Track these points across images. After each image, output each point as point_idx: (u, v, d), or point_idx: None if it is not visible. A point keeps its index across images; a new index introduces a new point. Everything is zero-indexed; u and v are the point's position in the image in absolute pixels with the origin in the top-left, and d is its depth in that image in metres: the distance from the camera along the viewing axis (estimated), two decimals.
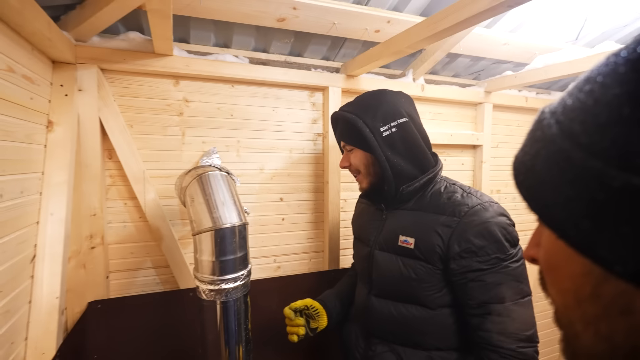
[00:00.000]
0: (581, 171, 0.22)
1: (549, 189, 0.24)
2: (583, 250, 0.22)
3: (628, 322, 0.21)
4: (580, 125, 0.22)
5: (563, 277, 0.26)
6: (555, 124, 0.24)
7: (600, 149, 0.21)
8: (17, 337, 0.80)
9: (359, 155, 0.96)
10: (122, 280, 1.22)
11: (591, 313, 0.24)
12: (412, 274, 0.86)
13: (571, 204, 0.22)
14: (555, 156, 0.24)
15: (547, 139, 0.25)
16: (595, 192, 0.21)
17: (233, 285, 0.82)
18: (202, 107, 1.29)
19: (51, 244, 0.92)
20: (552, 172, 0.24)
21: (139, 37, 1.15)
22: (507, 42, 1.50)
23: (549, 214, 0.24)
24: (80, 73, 1.08)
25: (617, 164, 0.20)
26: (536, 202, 0.26)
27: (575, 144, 0.22)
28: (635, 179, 0.19)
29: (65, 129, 1.01)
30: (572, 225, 0.22)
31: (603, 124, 0.21)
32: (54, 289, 0.89)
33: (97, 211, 1.12)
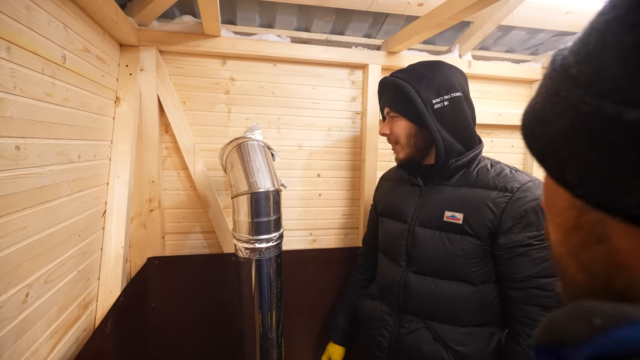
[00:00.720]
0: (566, 101, 0.23)
1: (541, 124, 0.26)
2: (557, 178, 0.24)
3: (602, 249, 0.23)
4: (575, 56, 0.23)
5: (555, 213, 0.28)
6: (560, 59, 0.25)
7: (583, 78, 0.22)
8: (92, 275, 0.96)
9: (403, 124, 0.95)
10: (176, 242, 1.37)
11: (574, 244, 0.26)
12: (458, 249, 0.87)
13: (556, 137, 0.24)
14: (550, 90, 0.25)
15: (548, 75, 0.26)
16: (574, 120, 0.22)
17: (266, 245, 0.89)
18: (247, 86, 1.37)
19: (118, 202, 1.07)
20: (546, 107, 0.25)
21: (191, 20, 1.25)
22: (570, 10, 1.36)
23: (538, 149, 0.26)
24: (142, 54, 1.21)
25: (593, 91, 0.21)
26: (529, 138, 0.27)
27: (567, 76, 0.23)
28: (605, 104, 0.19)
29: (129, 104, 1.15)
30: (552, 156, 0.24)
31: (590, 53, 0.22)
32: (120, 240, 1.05)
33: (155, 178, 1.27)
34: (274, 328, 0.95)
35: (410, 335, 0.92)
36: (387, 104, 0.99)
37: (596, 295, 0.24)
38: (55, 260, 0.77)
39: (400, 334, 0.94)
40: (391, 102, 0.97)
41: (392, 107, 0.97)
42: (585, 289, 0.25)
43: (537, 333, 0.24)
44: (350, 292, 1.27)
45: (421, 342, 0.90)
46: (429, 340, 0.89)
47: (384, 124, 1.01)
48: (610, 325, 0.18)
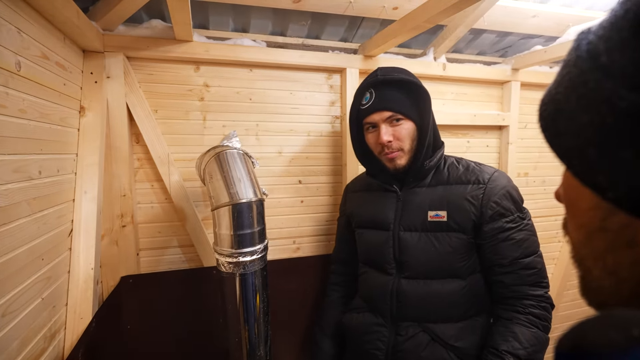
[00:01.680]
0: (595, 94, 0.20)
1: (564, 117, 0.23)
2: (583, 179, 0.22)
3: (633, 254, 0.21)
4: (605, 42, 0.20)
5: (577, 212, 0.26)
6: (585, 45, 0.22)
7: (618, 68, 0.19)
8: (58, 302, 0.88)
9: (410, 127, 0.91)
10: (151, 258, 1.29)
11: (599, 247, 0.24)
12: (447, 247, 0.89)
13: (582, 132, 0.21)
14: (576, 80, 0.22)
15: (572, 62, 0.23)
16: (605, 115, 0.19)
17: (250, 258, 0.85)
18: (222, 92, 1.32)
19: (86, 219, 0.99)
20: (570, 98, 0.22)
21: (160, 24, 1.19)
22: (536, 14, 1.42)
23: (559, 144, 0.24)
24: (108, 61, 1.14)
25: (629, 84, 0.18)
26: (550, 131, 0.25)
27: (596, 64, 0.20)
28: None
29: (95, 114, 1.08)
30: (577, 154, 0.22)
31: (625, 39, 0.19)
32: (89, 260, 0.97)
33: (126, 192, 1.19)
34: (262, 344, 0.90)
35: (408, 342, 0.90)
36: (390, 105, 0.89)
37: (623, 301, 0.23)
38: (14, 289, 0.70)
39: (397, 343, 0.92)
40: (397, 103, 0.89)
41: (399, 108, 0.89)
42: (611, 294, 0.24)
43: (561, 338, 0.22)
44: (330, 312, 1.19)
45: (420, 347, 0.89)
46: (428, 342, 0.89)
47: (384, 130, 0.89)
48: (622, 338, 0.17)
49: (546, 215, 1.84)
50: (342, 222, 1.21)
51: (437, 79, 1.56)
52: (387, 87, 0.91)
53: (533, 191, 1.81)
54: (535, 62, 1.55)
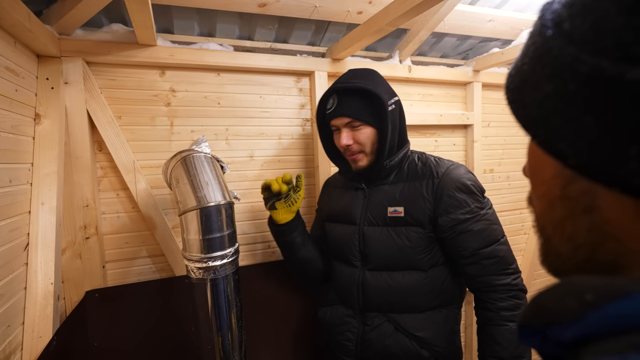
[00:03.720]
0: (558, 61, 0.20)
1: (530, 87, 0.23)
2: (547, 148, 0.22)
3: (590, 220, 0.22)
4: (568, 9, 0.20)
5: (540, 182, 0.26)
6: (550, 13, 0.22)
7: (579, 34, 0.19)
8: (13, 321, 0.82)
9: (369, 132, 0.94)
10: (119, 270, 1.24)
11: (559, 215, 0.24)
12: (405, 240, 0.93)
13: (546, 101, 0.21)
14: (540, 50, 0.22)
15: (537, 32, 0.22)
16: (568, 82, 0.19)
17: (221, 263, 0.83)
18: (189, 97, 1.30)
19: (44, 232, 0.94)
20: (535, 68, 0.22)
21: (122, 28, 1.16)
22: (492, 19, 1.50)
23: (525, 115, 0.24)
24: (65, 66, 1.09)
25: (590, 48, 0.18)
26: (516, 104, 0.25)
27: (560, 31, 0.20)
28: (605, 62, 0.17)
29: (52, 122, 1.03)
30: (542, 123, 0.22)
31: (587, 4, 0.19)
32: (49, 275, 0.92)
33: (89, 202, 1.14)
34: (236, 350, 0.88)
35: (374, 332, 0.95)
36: (349, 112, 0.93)
37: (579, 266, 0.23)
38: None
39: (364, 333, 0.97)
40: (355, 109, 0.93)
41: (358, 115, 0.92)
42: (568, 260, 0.24)
43: (522, 313, 0.22)
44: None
45: (384, 337, 0.93)
46: (392, 332, 0.93)
47: (344, 135, 0.95)
48: (603, 301, 0.17)
49: (512, 209, 1.93)
50: (318, 214, 1.25)
51: (403, 80, 1.61)
52: (348, 94, 0.95)
53: (498, 186, 1.89)
54: (493, 64, 1.63)
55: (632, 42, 0.16)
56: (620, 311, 0.16)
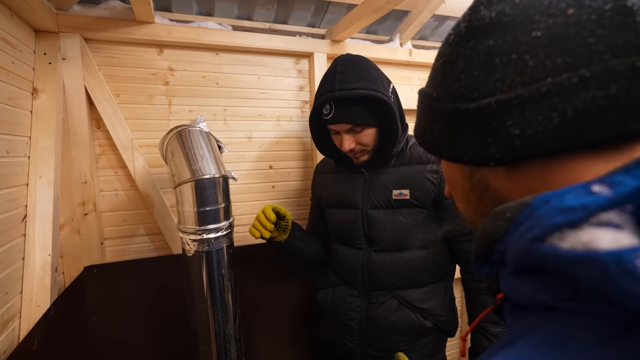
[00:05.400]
0: (437, 111, 0.33)
1: (429, 132, 0.36)
2: (451, 158, 0.33)
3: (489, 195, 0.33)
4: (432, 87, 0.35)
5: (456, 187, 0.37)
6: (423, 92, 0.37)
7: (442, 96, 0.33)
8: (11, 289, 0.84)
9: (371, 133, 0.93)
10: (117, 247, 1.25)
11: (474, 201, 0.35)
12: (411, 221, 0.95)
13: (440, 135, 0.34)
14: (426, 109, 0.36)
15: (420, 104, 0.37)
16: (446, 120, 0.32)
17: (215, 235, 0.84)
18: (188, 76, 1.30)
19: (41, 205, 0.95)
20: (427, 119, 0.36)
21: (119, 4, 1.15)
22: None
23: (435, 147, 0.35)
24: (63, 42, 1.09)
25: (450, 101, 0.31)
26: (427, 144, 0.37)
27: (432, 98, 0.34)
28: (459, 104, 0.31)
29: (50, 97, 1.03)
30: (443, 146, 0.34)
31: (441, 82, 0.33)
32: (46, 247, 0.93)
33: (88, 179, 1.15)
34: (230, 322, 0.90)
35: (379, 309, 0.98)
36: (349, 119, 0.89)
37: None
38: None
39: (370, 310, 0.99)
40: (356, 115, 0.88)
41: (359, 120, 0.89)
42: None
43: (473, 249, 0.30)
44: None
45: (390, 312, 0.96)
46: (397, 307, 0.97)
47: (346, 140, 0.92)
48: (516, 213, 0.25)
49: None
50: (313, 201, 1.24)
51: (403, 64, 1.60)
52: (346, 101, 0.88)
53: None
54: None
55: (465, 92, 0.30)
56: (526, 214, 0.24)
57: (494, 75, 0.28)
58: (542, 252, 0.21)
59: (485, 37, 0.29)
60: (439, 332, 0.99)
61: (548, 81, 0.26)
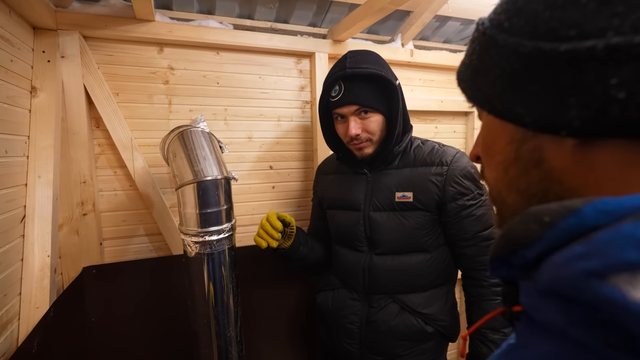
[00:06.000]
0: (504, 50, 0.26)
1: (481, 75, 0.29)
2: (505, 114, 0.27)
3: (539, 172, 0.27)
4: (505, 14, 0.27)
5: (496, 152, 0.31)
6: (488, 21, 0.29)
7: (517, 28, 0.25)
8: (10, 291, 0.83)
9: (379, 119, 0.91)
10: (116, 247, 1.24)
11: (514, 175, 0.29)
12: (413, 224, 0.94)
13: (497, 82, 0.27)
14: (486, 46, 0.28)
15: (480, 36, 0.29)
16: (513, 63, 0.25)
17: (217, 237, 0.84)
18: (188, 75, 1.28)
19: (40, 205, 0.94)
20: (483, 60, 0.28)
21: (119, 2, 1.14)
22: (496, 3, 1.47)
23: (482, 96, 0.29)
24: (62, 39, 1.08)
25: (529, 36, 0.24)
26: (472, 90, 0.31)
27: (500, 29, 0.27)
28: (542, 43, 0.23)
29: (49, 95, 1.02)
30: (497, 97, 0.27)
31: (520, 7, 0.25)
32: (45, 247, 0.92)
33: (87, 178, 1.14)
34: (232, 325, 0.89)
35: (379, 313, 0.97)
36: (358, 99, 0.88)
37: None
38: None
39: (370, 314, 0.98)
40: (365, 97, 0.88)
41: (368, 102, 0.88)
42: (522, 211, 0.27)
43: (493, 248, 0.25)
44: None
45: (391, 316, 0.95)
46: (397, 311, 0.95)
47: (353, 124, 0.90)
48: (557, 219, 0.20)
49: None
50: (315, 202, 1.23)
51: (405, 65, 1.59)
52: (357, 80, 0.88)
53: None
54: None
55: (558, 27, 0.22)
56: (571, 224, 0.19)
57: (612, 6, 0.20)
58: (600, 293, 0.16)
59: None
60: (440, 338, 0.98)
61: None
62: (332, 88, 0.93)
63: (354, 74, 0.88)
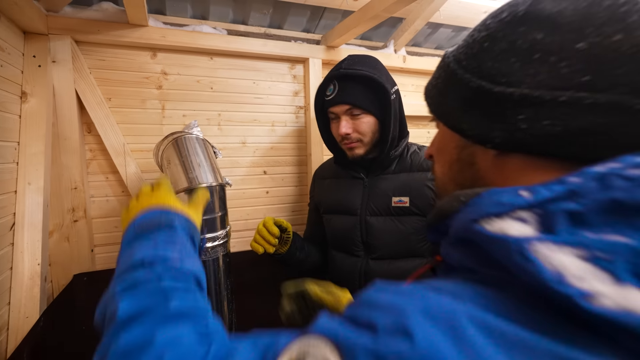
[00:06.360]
0: (460, 81, 0.35)
1: (443, 96, 0.38)
2: (455, 128, 0.37)
3: (471, 171, 0.38)
4: (464, 54, 0.36)
5: (444, 153, 0.41)
6: (452, 56, 0.38)
7: (471, 68, 0.35)
8: None
9: (371, 121, 0.92)
10: (108, 254, 1.23)
11: (455, 171, 0.40)
12: (410, 229, 0.94)
13: (453, 103, 0.37)
14: (449, 75, 0.37)
15: (445, 66, 0.38)
16: (465, 92, 0.35)
17: (212, 245, 0.83)
18: (181, 80, 1.28)
19: (30, 212, 0.92)
20: (446, 85, 0.38)
21: (112, 7, 1.13)
22: (487, 10, 1.50)
23: (441, 111, 0.39)
24: (53, 44, 1.06)
25: (477, 76, 0.34)
26: (435, 105, 0.40)
27: (460, 66, 0.36)
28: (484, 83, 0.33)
29: (40, 100, 1.00)
30: (451, 114, 0.37)
31: (475, 53, 0.35)
32: (35, 255, 0.90)
33: (78, 184, 1.12)
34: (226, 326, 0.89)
35: None
36: (350, 99, 0.90)
37: None
38: None
39: None
40: (356, 97, 0.89)
41: (359, 102, 0.89)
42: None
43: (428, 219, 0.37)
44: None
45: None
46: None
47: (343, 123, 0.92)
48: (469, 199, 0.31)
49: None
50: (311, 206, 1.23)
51: (397, 70, 1.61)
52: (350, 80, 0.91)
53: None
54: None
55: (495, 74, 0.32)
56: (475, 201, 0.30)
57: (528, 69, 0.30)
58: (474, 230, 0.28)
59: (537, 28, 0.30)
60: None
61: (568, 93, 0.28)
62: (328, 87, 0.96)
63: (347, 74, 0.91)
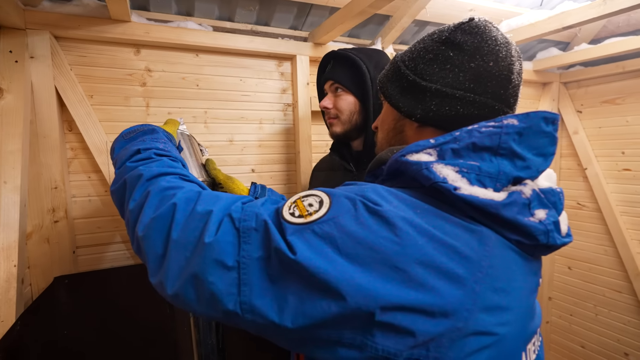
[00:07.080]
0: (401, 75, 0.55)
1: (390, 83, 0.57)
2: (395, 106, 0.56)
3: (401, 136, 0.58)
4: (408, 57, 0.56)
5: (386, 123, 0.61)
6: (399, 57, 0.58)
7: (410, 67, 0.54)
8: None
9: (349, 99, 0.95)
10: (91, 256, 1.19)
11: (391, 136, 0.60)
12: None
13: (396, 89, 0.56)
14: (396, 70, 0.57)
15: (394, 64, 0.58)
16: (403, 82, 0.55)
17: None
18: (166, 77, 1.25)
19: (6, 212, 0.89)
20: (393, 76, 0.57)
21: (93, 2, 1.10)
22: (473, 8, 1.52)
23: (388, 94, 0.57)
24: (31, 39, 1.03)
25: (413, 72, 0.54)
26: (384, 89, 0.59)
27: (404, 64, 0.56)
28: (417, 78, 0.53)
29: (16, 97, 0.97)
30: (394, 96, 0.56)
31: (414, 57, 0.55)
32: (11, 257, 0.87)
33: (58, 184, 1.09)
34: (213, 332, 0.87)
35: None
36: (334, 76, 0.97)
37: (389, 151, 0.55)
38: None
39: None
40: (341, 76, 0.96)
41: (341, 80, 0.95)
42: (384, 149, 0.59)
43: (369, 167, 0.55)
44: None
45: None
46: None
47: (326, 98, 0.99)
48: (397, 149, 0.48)
49: None
50: None
51: None
52: (342, 61, 0.97)
53: None
54: None
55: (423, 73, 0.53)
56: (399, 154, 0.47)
57: (441, 74, 0.51)
58: (402, 161, 0.46)
59: (451, 49, 0.51)
60: None
61: (460, 92, 0.50)
62: (328, 63, 1.02)
63: (340, 55, 0.97)
